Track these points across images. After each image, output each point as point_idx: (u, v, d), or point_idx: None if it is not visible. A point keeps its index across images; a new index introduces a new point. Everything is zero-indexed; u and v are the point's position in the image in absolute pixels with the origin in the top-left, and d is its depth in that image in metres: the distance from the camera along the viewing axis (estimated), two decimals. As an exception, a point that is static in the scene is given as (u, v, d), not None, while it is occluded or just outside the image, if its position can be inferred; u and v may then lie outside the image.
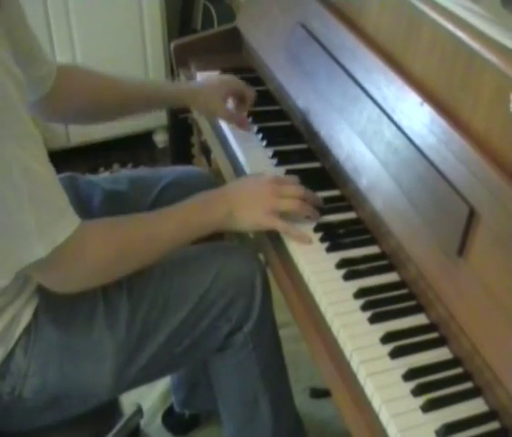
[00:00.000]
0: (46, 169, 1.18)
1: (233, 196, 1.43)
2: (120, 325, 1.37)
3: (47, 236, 1.16)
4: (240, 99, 1.80)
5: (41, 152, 1.17)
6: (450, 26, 1.26)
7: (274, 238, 1.45)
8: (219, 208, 1.41)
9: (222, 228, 1.43)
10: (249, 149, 1.70)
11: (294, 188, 1.45)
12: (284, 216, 1.42)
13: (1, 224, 1.13)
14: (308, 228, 1.44)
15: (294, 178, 1.50)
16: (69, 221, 1.20)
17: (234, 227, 1.43)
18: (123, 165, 3.32)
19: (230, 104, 1.79)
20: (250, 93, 1.80)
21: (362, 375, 1.15)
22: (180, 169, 1.84)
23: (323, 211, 1.48)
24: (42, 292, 1.34)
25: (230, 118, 1.78)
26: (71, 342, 1.35)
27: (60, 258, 1.20)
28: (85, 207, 1.62)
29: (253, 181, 1.49)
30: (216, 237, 1.50)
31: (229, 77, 1.82)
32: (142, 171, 1.98)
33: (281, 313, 1.50)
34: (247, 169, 1.64)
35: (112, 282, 1.37)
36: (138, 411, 2.09)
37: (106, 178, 1.84)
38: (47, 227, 1.16)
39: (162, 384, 2.23)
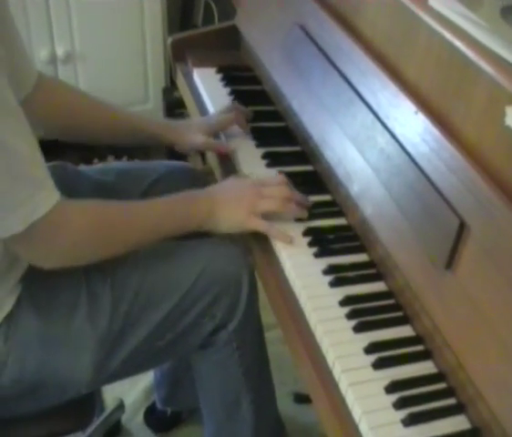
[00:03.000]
0: (25, 143, 1.15)
1: (216, 196, 1.44)
2: (102, 317, 1.35)
3: (24, 210, 1.15)
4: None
5: (21, 126, 1.15)
6: (446, 34, 1.24)
7: (261, 240, 1.43)
8: (201, 206, 1.42)
9: (203, 227, 1.43)
10: (239, 148, 1.68)
11: (278, 189, 1.44)
12: (269, 217, 1.42)
13: None
14: (297, 233, 1.42)
15: (281, 178, 1.49)
16: (48, 196, 1.19)
17: (215, 227, 1.43)
18: (118, 157, 3.29)
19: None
20: (236, 118, 1.74)
21: (343, 384, 1.13)
22: (171, 164, 1.82)
23: (314, 216, 1.46)
24: (26, 281, 1.33)
25: (213, 149, 1.74)
26: (51, 332, 1.33)
27: (38, 232, 1.19)
28: (72, 196, 1.60)
29: (237, 183, 1.49)
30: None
31: (215, 117, 1.76)
32: (132, 164, 1.96)
33: (269, 315, 1.48)
34: (240, 171, 1.62)
35: (96, 273, 1.37)
36: (120, 407, 2.08)
37: (95, 169, 1.81)
38: (24, 201, 1.15)
39: (145, 381, 2.22)
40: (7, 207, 1.14)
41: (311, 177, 1.61)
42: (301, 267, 1.35)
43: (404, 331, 1.24)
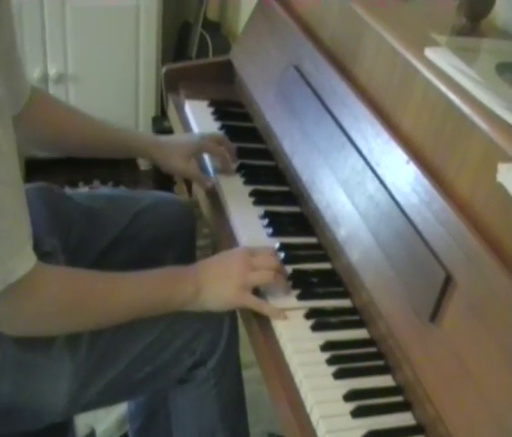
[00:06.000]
0: (11, 196, 1.13)
1: (202, 274, 1.38)
2: (81, 347, 1.33)
3: (3, 270, 1.12)
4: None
5: (9, 175, 1.13)
6: (442, 87, 1.25)
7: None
8: (185, 288, 1.36)
9: (188, 308, 1.37)
10: (227, 184, 1.68)
11: (266, 260, 1.39)
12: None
13: None
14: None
15: (270, 249, 1.45)
16: (26, 258, 1.16)
17: (201, 307, 1.37)
18: (104, 182, 3.28)
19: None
20: (222, 152, 1.73)
21: (321, 431, 1.12)
22: (158, 195, 1.81)
23: (298, 258, 1.45)
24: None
25: (193, 178, 1.75)
26: (29, 357, 1.31)
27: (10, 294, 1.15)
28: (58, 220, 1.58)
29: (225, 255, 1.44)
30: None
31: (199, 137, 1.76)
32: (121, 191, 1.95)
33: (246, 354, 1.47)
34: (226, 207, 1.61)
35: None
36: (91, 434, 2.05)
37: (82, 194, 1.81)
38: (4, 261, 1.12)
39: (119, 410, 2.19)
40: None
41: (297, 218, 1.60)
42: (283, 308, 1.33)
43: (385, 381, 1.23)
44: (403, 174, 1.26)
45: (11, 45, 1.37)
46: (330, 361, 1.23)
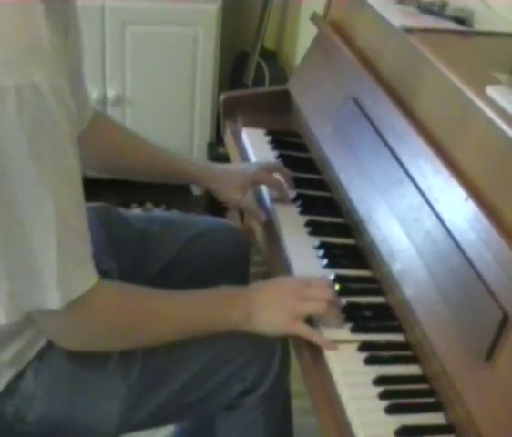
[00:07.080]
0: (78, 214, 1.16)
1: (255, 298, 1.39)
2: (134, 368, 1.35)
3: (67, 286, 1.14)
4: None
5: (77, 195, 1.15)
6: (504, 125, 1.24)
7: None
8: (238, 310, 1.38)
9: (240, 329, 1.38)
10: (282, 213, 1.68)
11: (321, 291, 1.40)
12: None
13: (19, 259, 1.11)
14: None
15: (325, 280, 1.46)
16: (88, 275, 1.18)
17: (253, 329, 1.38)
18: (156, 204, 3.31)
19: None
20: (279, 182, 1.73)
21: (371, 466, 1.12)
22: (213, 220, 1.83)
23: (352, 291, 1.45)
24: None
25: (248, 210, 1.73)
26: (82, 375, 1.33)
27: (70, 310, 1.17)
28: (115, 241, 1.61)
29: (278, 282, 1.45)
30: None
31: (256, 167, 1.75)
32: (175, 215, 1.96)
33: (294, 383, 1.47)
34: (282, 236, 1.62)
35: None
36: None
37: (138, 216, 1.83)
38: (69, 276, 1.14)
39: (164, 432, 2.19)
40: (52, 278, 1.12)
41: (352, 250, 1.60)
42: (335, 341, 1.33)
43: (437, 419, 1.21)
44: (461, 211, 1.25)
45: (78, 67, 1.40)
46: (382, 396, 1.23)
